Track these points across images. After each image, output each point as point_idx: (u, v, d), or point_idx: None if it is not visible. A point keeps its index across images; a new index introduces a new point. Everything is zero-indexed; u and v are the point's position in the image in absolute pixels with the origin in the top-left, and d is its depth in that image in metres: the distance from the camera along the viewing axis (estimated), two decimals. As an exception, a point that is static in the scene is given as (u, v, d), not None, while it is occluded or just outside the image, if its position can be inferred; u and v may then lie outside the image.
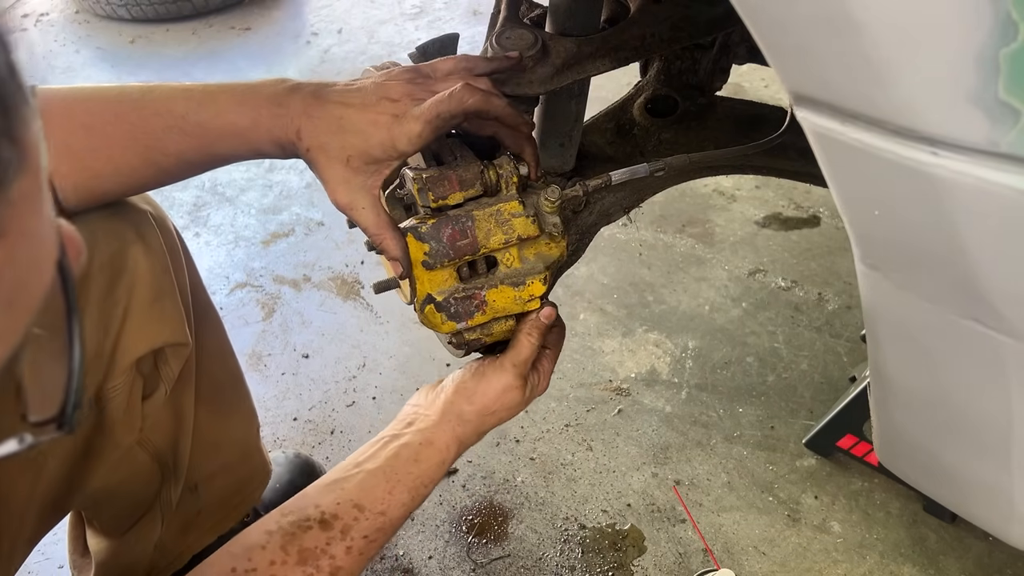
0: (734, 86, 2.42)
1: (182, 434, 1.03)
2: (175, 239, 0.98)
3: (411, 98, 0.76)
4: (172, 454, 1.03)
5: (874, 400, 0.85)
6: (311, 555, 0.73)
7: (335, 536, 0.74)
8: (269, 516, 0.76)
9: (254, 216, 2.21)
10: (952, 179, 0.47)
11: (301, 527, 0.74)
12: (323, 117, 0.75)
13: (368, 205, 0.77)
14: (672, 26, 0.90)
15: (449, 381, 0.89)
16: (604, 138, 1.18)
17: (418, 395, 0.91)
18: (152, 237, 0.89)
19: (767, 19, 0.51)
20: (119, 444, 0.91)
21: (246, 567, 0.71)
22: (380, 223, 0.77)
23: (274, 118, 0.75)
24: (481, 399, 0.85)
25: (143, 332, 0.87)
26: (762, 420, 1.54)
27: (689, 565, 1.32)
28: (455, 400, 0.86)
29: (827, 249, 1.91)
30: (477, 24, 3.10)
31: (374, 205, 0.77)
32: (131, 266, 0.85)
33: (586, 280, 1.88)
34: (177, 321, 0.91)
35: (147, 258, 0.87)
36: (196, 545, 1.16)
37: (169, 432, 1.02)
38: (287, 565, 0.71)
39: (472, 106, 0.75)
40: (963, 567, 1.28)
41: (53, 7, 3.52)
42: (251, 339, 1.80)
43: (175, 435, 1.03)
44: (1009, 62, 0.40)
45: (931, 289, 0.59)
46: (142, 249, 0.87)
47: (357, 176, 0.76)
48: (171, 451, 1.03)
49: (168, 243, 0.94)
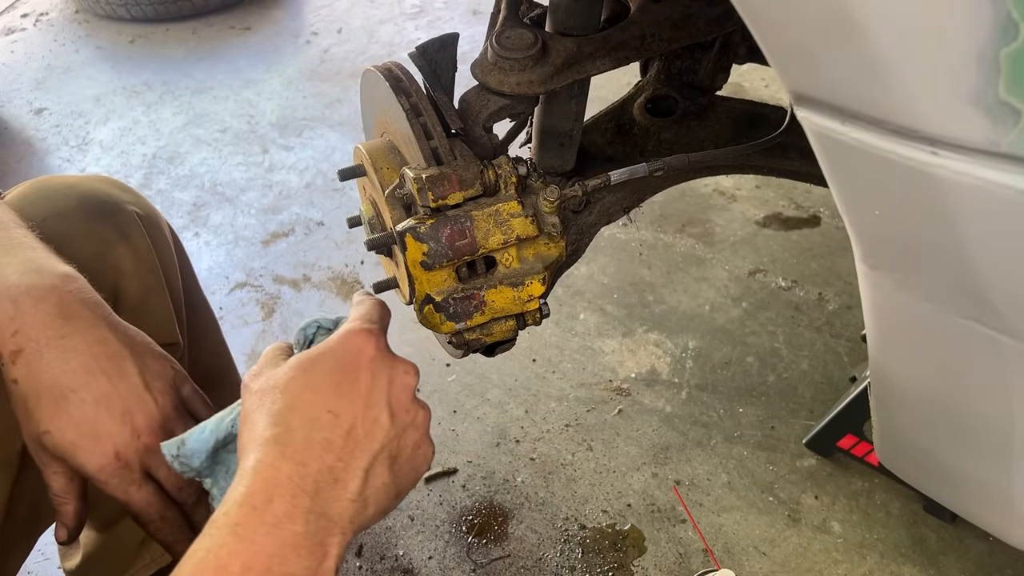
0: (734, 86, 2.42)
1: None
2: (166, 237, 0.98)
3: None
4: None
5: (874, 400, 0.85)
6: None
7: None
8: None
9: (254, 216, 2.21)
10: (952, 179, 0.47)
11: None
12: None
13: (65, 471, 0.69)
14: (672, 26, 0.90)
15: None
16: (604, 138, 1.18)
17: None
18: (137, 236, 0.89)
19: (767, 19, 0.51)
20: None
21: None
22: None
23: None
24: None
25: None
26: (762, 420, 1.53)
27: (689, 565, 1.31)
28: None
29: (827, 249, 1.90)
30: (477, 24, 3.09)
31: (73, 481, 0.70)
32: (114, 265, 0.85)
33: (586, 280, 1.88)
34: (166, 320, 0.91)
35: (132, 258, 0.87)
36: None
37: None
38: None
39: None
40: (963, 567, 1.28)
41: (53, 7, 3.52)
42: (251, 339, 1.80)
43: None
44: (1009, 62, 0.40)
45: (931, 289, 0.59)
46: (126, 249, 0.86)
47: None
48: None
49: (157, 241, 0.93)
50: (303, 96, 2.70)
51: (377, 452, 0.55)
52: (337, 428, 0.54)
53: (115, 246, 0.86)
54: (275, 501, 0.50)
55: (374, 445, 0.55)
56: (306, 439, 0.53)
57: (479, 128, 0.87)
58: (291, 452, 0.52)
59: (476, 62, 0.86)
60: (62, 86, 2.93)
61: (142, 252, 0.89)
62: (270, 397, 0.56)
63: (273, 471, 0.51)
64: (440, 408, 1.61)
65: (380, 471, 0.56)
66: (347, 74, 2.78)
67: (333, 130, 2.52)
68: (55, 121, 2.72)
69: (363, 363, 0.57)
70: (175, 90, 2.85)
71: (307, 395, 0.56)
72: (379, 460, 0.55)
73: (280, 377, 0.57)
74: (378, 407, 0.56)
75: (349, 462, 0.54)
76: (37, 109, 2.80)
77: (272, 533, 0.49)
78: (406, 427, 0.57)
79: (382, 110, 0.89)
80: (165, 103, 2.77)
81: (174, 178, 2.38)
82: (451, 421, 1.58)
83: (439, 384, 1.65)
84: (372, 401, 0.56)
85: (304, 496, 0.51)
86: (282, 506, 0.50)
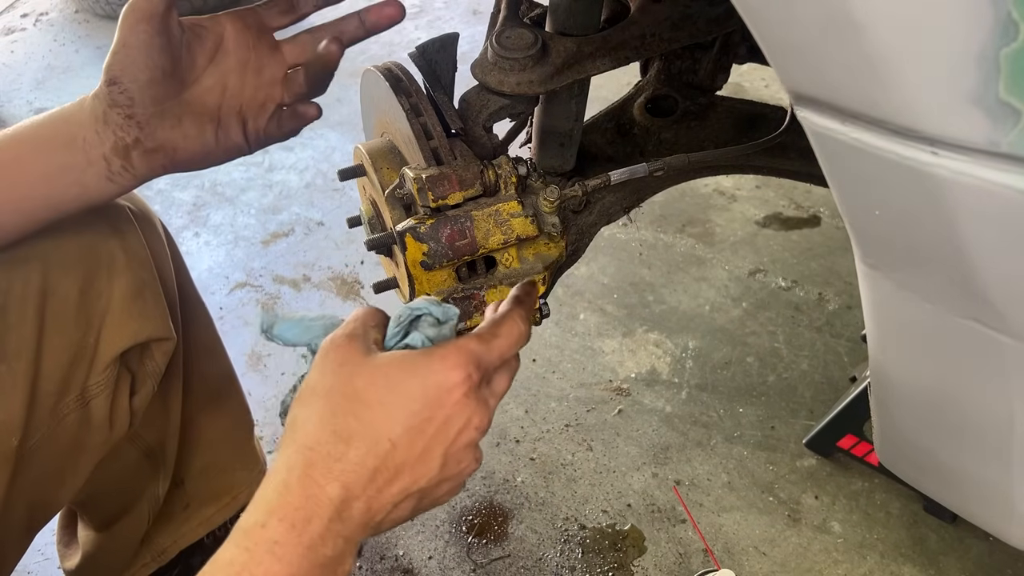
0: (734, 86, 2.42)
1: (170, 429, 1.03)
2: (159, 234, 0.98)
3: None
4: (161, 450, 1.03)
5: (874, 400, 0.85)
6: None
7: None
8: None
9: (254, 216, 2.21)
10: (952, 179, 0.47)
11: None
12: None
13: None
14: (672, 25, 0.90)
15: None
16: (604, 138, 1.18)
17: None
18: (131, 232, 0.89)
19: (767, 19, 0.51)
20: (107, 440, 0.91)
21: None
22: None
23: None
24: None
25: (125, 327, 0.87)
26: (762, 420, 1.53)
27: (689, 565, 1.31)
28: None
29: (827, 249, 1.90)
30: (477, 24, 3.09)
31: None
32: (107, 260, 0.85)
33: (586, 280, 1.87)
34: (159, 315, 0.91)
35: (125, 253, 0.87)
36: (183, 541, 1.16)
37: (159, 428, 1.02)
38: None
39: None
40: (963, 567, 1.28)
41: (53, 6, 3.52)
42: (251, 339, 1.80)
43: (164, 430, 1.03)
44: (1010, 62, 0.40)
45: (931, 289, 0.59)
46: (119, 244, 0.86)
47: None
48: (160, 446, 1.03)
49: (150, 238, 0.93)
50: (303, 96, 2.69)
51: (413, 492, 0.54)
52: (390, 460, 0.53)
53: (107, 240, 0.86)
54: (314, 522, 0.49)
55: (413, 486, 0.54)
56: (359, 462, 0.52)
57: (479, 128, 0.87)
58: (339, 471, 0.51)
59: (476, 62, 0.86)
60: (62, 86, 2.93)
61: (134, 247, 0.89)
62: (340, 398, 0.53)
63: (318, 489, 0.50)
64: (440, 408, 1.60)
65: (406, 506, 0.55)
66: (347, 74, 2.77)
67: (333, 130, 2.52)
68: (55, 121, 2.72)
69: (447, 403, 0.54)
70: (175, 90, 2.84)
71: (377, 415, 0.53)
72: (411, 497, 0.55)
73: (360, 379, 0.54)
74: (435, 451, 0.54)
75: (384, 495, 0.53)
76: (37, 109, 2.80)
77: (307, 556, 0.49)
78: (451, 477, 0.56)
79: (382, 110, 0.89)
80: (165, 103, 2.77)
81: (174, 178, 2.38)
82: (451, 421, 1.58)
83: (439, 384, 1.65)
84: (433, 444, 0.54)
85: (339, 521, 0.50)
86: (318, 527, 0.50)
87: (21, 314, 0.80)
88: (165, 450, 1.04)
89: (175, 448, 1.05)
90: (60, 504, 0.96)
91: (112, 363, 0.87)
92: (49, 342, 0.82)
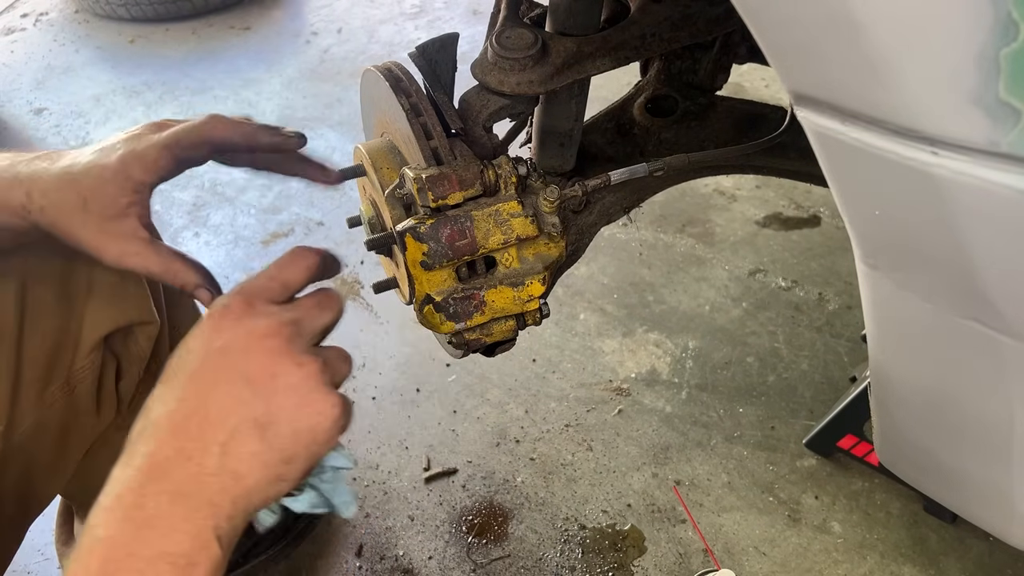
0: (734, 86, 2.42)
1: None
2: None
3: (152, 131, 0.72)
4: None
5: (874, 400, 0.85)
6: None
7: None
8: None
9: (254, 216, 2.21)
10: (952, 179, 0.47)
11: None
12: (53, 171, 0.70)
13: (140, 249, 0.71)
14: (672, 26, 0.90)
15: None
16: (604, 138, 1.18)
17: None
18: None
19: (767, 19, 0.51)
20: (95, 427, 0.92)
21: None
22: (163, 259, 0.71)
23: (4, 179, 0.70)
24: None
25: (107, 310, 0.88)
26: (762, 420, 1.53)
27: (689, 565, 1.31)
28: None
29: (827, 249, 1.90)
30: (477, 24, 3.09)
31: (146, 244, 0.71)
32: None
33: (586, 280, 1.87)
34: (142, 298, 0.92)
35: None
36: None
37: None
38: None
39: (218, 136, 0.71)
40: (964, 567, 1.28)
41: (52, 7, 3.52)
42: (251, 339, 1.80)
43: None
44: (1010, 62, 0.40)
45: (931, 289, 0.59)
46: None
47: (110, 223, 0.69)
48: None
49: None
50: (303, 96, 2.69)
51: (237, 424, 0.55)
52: (183, 410, 0.55)
53: None
54: (123, 496, 0.53)
55: (229, 419, 0.55)
56: (155, 428, 0.55)
57: (479, 128, 0.87)
58: (143, 445, 0.54)
59: (476, 62, 0.86)
60: (62, 86, 2.93)
61: None
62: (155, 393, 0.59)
63: (124, 468, 0.54)
64: (440, 408, 1.61)
65: (245, 440, 0.55)
66: (347, 74, 2.78)
67: (333, 130, 2.52)
68: (55, 121, 2.72)
69: (214, 342, 0.57)
70: (175, 90, 2.85)
71: (164, 389, 0.57)
72: (241, 431, 0.55)
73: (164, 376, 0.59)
74: (230, 382, 0.56)
75: (201, 439, 0.54)
76: (37, 109, 2.80)
77: (124, 524, 0.52)
78: (274, 392, 0.56)
79: (382, 110, 0.89)
80: (165, 103, 2.77)
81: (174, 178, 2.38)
82: (451, 421, 1.58)
83: (439, 384, 1.65)
84: (222, 377, 0.56)
85: (151, 483, 0.53)
86: (129, 498, 0.52)
87: (1, 302, 0.80)
88: None
89: None
90: (51, 494, 0.96)
91: (96, 347, 0.88)
92: (30, 328, 0.83)
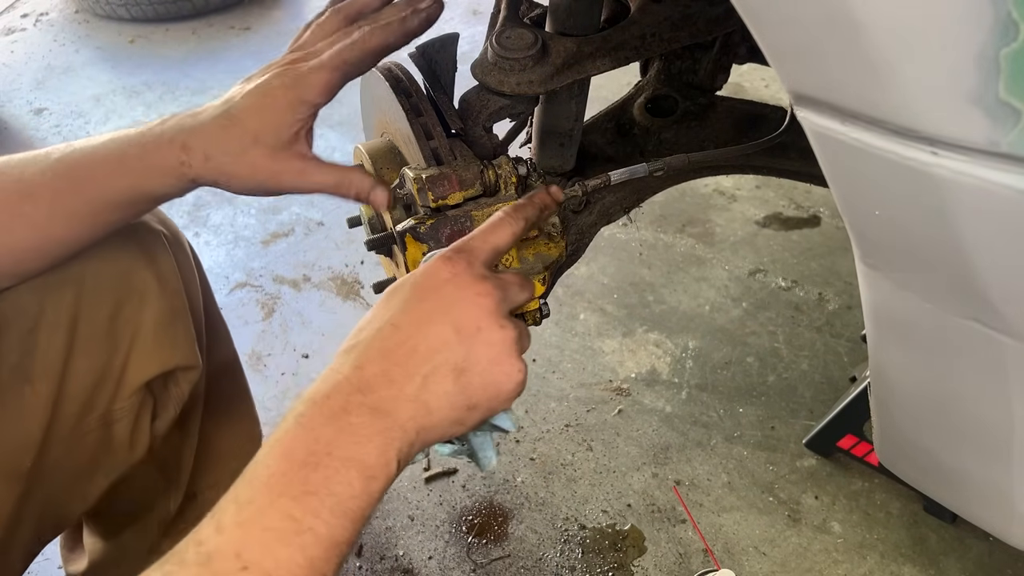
0: (734, 86, 2.42)
1: (187, 448, 1.03)
2: (189, 258, 0.98)
3: (296, 63, 0.71)
4: (176, 467, 1.03)
5: (874, 400, 0.85)
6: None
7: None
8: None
9: (254, 216, 2.21)
10: (952, 179, 0.47)
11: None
12: (208, 120, 0.69)
13: (315, 167, 0.71)
14: (672, 26, 0.90)
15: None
16: (604, 138, 1.18)
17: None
18: (164, 259, 0.89)
19: (767, 19, 0.51)
20: (125, 462, 0.91)
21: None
22: (338, 171, 0.72)
23: (149, 143, 0.69)
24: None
25: (154, 355, 0.87)
26: (762, 420, 1.53)
27: (689, 565, 1.31)
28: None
29: (827, 249, 1.90)
30: (477, 24, 3.09)
31: (319, 162, 0.72)
32: (140, 288, 0.85)
33: (586, 280, 1.88)
34: (188, 344, 0.91)
35: (157, 280, 0.86)
36: None
37: (176, 446, 1.02)
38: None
39: (375, 46, 0.71)
40: (964, 567, 1.28)
41: (53, 7, 3.52)
42: (251, 339, 1.80)
43: (181, 449, 1.03)
44: (1009, 62, 0.40)
45: (931, 289, 0.59)
46: (152, 272, 0.86)
47: (282, 151, 0.70)
48: (176, 464, 1.03)
49: (182, 263, 0.93)
50: (303, 96, 2.69)
51: (439, 363, 0.58)
52: (395, 337, 0.59)
53: (141, 267, 0.85)
54: (332, 397, 0.56)
55: (435, 356, 0.58)
56: (367, 347, 0.58)
57: (479, 128, 0.87)
58: (353, 358, 0.58)
59: (476, 62, 0.86)
60: (62, 86, 2.93)
61: (167, 275, 0.89)
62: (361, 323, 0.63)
63: (335, 374, 0.57)
64: (440, 408, 1.61)
65: (442, 379, 0.59)
66: (347, 74, 2.78)
67: (333, 130, 2.52)
68: (55, 121, 2.72)
69: (435, 285, 0.61)
70: (175, 90, 2.85)
71: (379, 311, 0.61)
72: (440, 370, 0.58)
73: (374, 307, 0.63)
74: (441, 323, 0.59)
75: (406, 367, 0.58)
76: (37, 109, 2.80)
77: (329, 423, 0.54)
78: (475, 343, 0.59)
79: (382, 110, 0.89)
80: (165, 103, 2.77)
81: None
82: (451, 421, 1.58)
83: (439, 384, 1.65)
84: (436, 318, 0.59)
85: (357, 393, 0.56)
86: (338, 401, 0.56)
87: (50, 338, 0.80)
88: (180, 467, 1.04)
89: (190, 465, 1.05)
90: (70, 520, 0.96)
91: (139, 390, 0.87)
92: (75, 366, 0.82)
